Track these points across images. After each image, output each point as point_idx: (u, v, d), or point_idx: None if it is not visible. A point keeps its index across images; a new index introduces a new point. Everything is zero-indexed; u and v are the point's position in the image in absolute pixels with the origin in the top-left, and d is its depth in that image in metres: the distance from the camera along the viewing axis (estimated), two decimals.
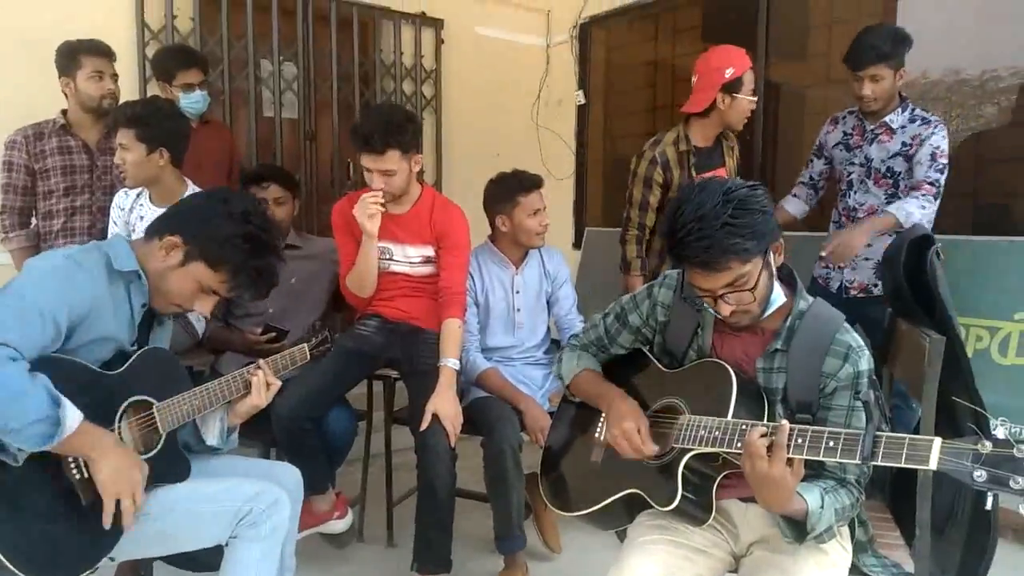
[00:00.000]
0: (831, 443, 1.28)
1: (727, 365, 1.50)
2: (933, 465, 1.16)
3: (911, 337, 1.79)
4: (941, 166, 2.65)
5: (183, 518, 1.64)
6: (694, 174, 2.77)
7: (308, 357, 2.04)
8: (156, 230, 1.67)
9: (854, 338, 1.47)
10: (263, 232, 1.69)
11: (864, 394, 1.44)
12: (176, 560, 1.78)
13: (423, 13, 4.42)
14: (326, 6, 4.07)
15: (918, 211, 2.60)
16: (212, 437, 1.84)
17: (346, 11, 4.15)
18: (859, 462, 1.25)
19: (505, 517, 2.39)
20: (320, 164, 4.21)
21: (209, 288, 1.67)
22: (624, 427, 1.54)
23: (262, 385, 1.83)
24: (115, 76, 2.84)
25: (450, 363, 2.37)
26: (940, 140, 2.66)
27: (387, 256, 2.52)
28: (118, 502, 1.49)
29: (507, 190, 2.63)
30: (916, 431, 1.68)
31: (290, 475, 1.90)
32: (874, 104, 2.74)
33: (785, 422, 1.32)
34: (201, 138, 2.91)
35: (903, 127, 2.74)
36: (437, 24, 4.49)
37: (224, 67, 3.80)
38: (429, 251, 2.53)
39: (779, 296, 1.49)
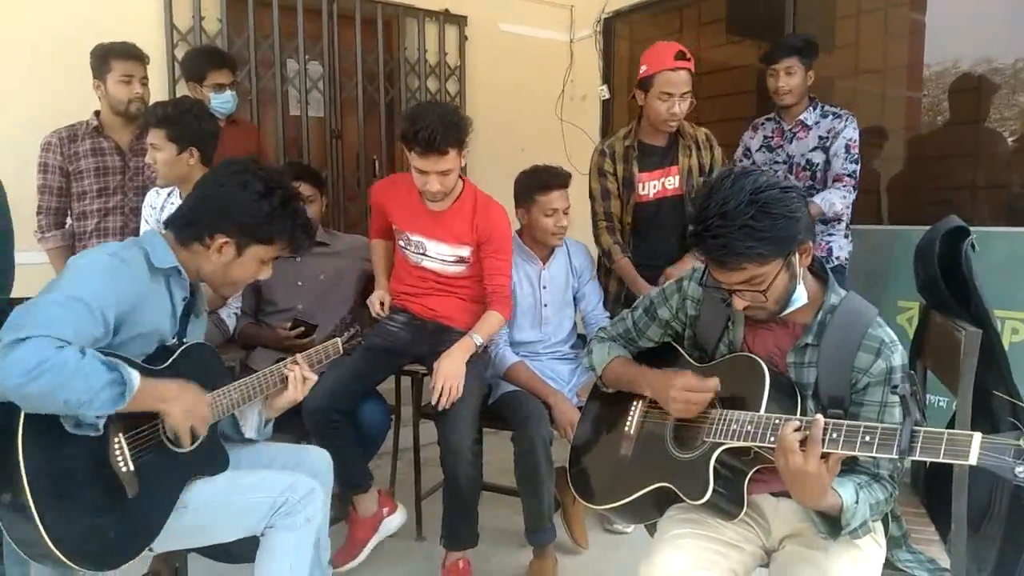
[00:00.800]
0: (867, 437, 1.26)
1: (760, 359, 1.49)
2: (973, 460, 1.14)
3: (946, 330, 1.77)
4: (855, 157, 2.90)
5: (220, 510, 1.67)
6: (636, 171, 2.77)
7: (341, 351, 2.08)
8: (193, 235, 1.69)
9: (887, 333, 1.45)
10: (287, 189, 1.76)
11: (901, 388, 1.42)
12: (210, 552, 1.81)
13: (447, 10, 4.43)
14: (351, 5, 4.10)
15: (840, 201, 2.86)
16: (250, 430, 1.89)
17: (370, 10, 4.17)
18: (896, 456, 1.23)
19: (536, 511, 2.40)
20: (346, 161, 4.25)
21: (269, 259, 1.77)
22: (677, 388, 1.53)
23: (299, 380, 1.87)
24: (145, 80, 2.86)
25: (475, 338, 2.39)
26: (852, 132, 2.91)
27: (420, 251, 2.51)
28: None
29: (527, 186, 2.62)
30: (951, 425, 1.66)
31: (321, 459, 1.93)
32: (788, 97, 2.97)
33: (820, 416, 1.31)
34: (229, 137, 2.95)
35: (817, 123, 2.98)
36: (461, 21, 4.50)
37: (251, 67, 3.85)
38: (464, 251, 2.48)
39: (800, 296, 1.47)
